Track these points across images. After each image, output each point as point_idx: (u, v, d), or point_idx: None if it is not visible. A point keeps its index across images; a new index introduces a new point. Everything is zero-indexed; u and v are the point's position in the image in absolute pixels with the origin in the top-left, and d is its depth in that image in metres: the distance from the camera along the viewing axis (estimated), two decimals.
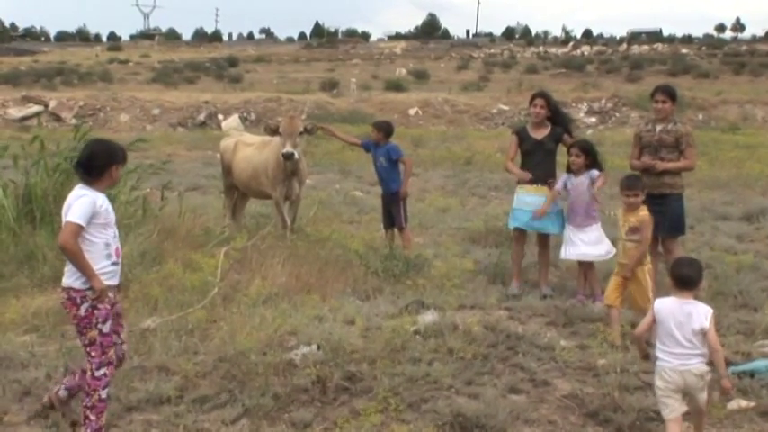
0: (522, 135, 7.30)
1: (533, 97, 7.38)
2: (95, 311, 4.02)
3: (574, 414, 4.62)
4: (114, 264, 4.13)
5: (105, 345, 4.07)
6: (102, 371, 4.07)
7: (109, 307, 4.07)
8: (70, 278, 4.05)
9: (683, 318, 3.99)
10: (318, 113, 24.37)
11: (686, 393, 4.02)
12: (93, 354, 4.06)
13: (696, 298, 4.12)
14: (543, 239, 7.32)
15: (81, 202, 3.99)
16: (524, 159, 7.31)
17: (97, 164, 4.09)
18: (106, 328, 4.07)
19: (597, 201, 6.84)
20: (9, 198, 7.45)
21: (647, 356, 4.38)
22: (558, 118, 7.33)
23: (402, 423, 4.37)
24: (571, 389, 4.89)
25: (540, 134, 7.22)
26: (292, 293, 6.46)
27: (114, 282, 4.15)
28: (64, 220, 4.03)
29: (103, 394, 4.09)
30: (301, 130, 8.35)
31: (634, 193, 5.88)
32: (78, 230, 3.95)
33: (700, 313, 3.99)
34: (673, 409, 4.01)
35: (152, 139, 20.89)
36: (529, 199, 7.15)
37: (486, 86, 42.09)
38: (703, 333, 3.95)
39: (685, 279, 4.08)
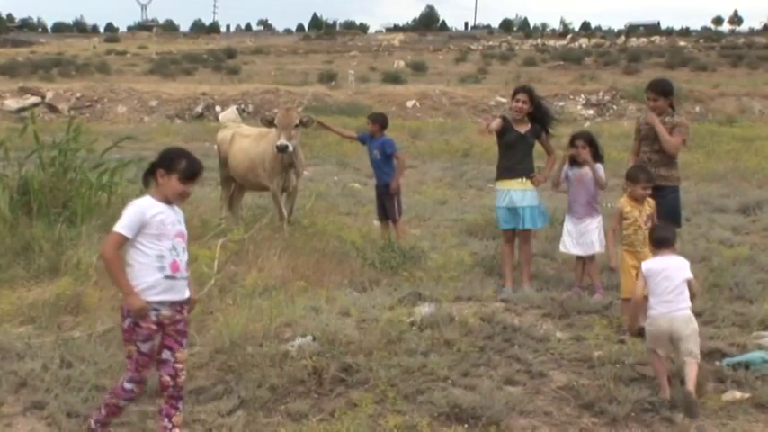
0: (507, 124, 7.03)
1: (516, 91, 7.14)
2: (137, 328, 3.88)
3: (569, 405, 4.63)
4: (169, 278, 3.89)
5: (140, 363, 3.95)
6: (130, 386, 3.99)
7: (154, 327, 3.89)
8: None
9: (672, 270, 4.70)
10: (316, 105, 24.28)
11: (673, 340, 4.61)
12: (129, 366, 3.98)
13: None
14: (524, 233, 7.14)
15: (127, 212, 3.88)
16: (507, 152, 7.08)
17: (152, 167, 3.97)
18: (146, 347, 3.92)
19: (602, 187, 6.88)
20: (5, 191, 7.43)
21: (641, 331, 4.92)
22: (538, 115, 7.11)
23: (398, 414, 4.37)
24: (567, 380, 4.91)
25: (523, 129, 7.04)
26: (289, 285, 6.46)
27: (170, 297, 3.92)
28: None
29: (122, 403, 4.06)
30: (297, 122, 8.32)
31: (651, 186, 6.10)
32: (120, 240, 3.83)
33: (684, 264, 4.76)
34: (656, 348, 4.69)
35: (149, 131, 20.87)
36: (515, 195, 7.02)
37: (484, 78, 42.09)
38: (688, 280, 4.68)
39: (662, 239, 4.87)
